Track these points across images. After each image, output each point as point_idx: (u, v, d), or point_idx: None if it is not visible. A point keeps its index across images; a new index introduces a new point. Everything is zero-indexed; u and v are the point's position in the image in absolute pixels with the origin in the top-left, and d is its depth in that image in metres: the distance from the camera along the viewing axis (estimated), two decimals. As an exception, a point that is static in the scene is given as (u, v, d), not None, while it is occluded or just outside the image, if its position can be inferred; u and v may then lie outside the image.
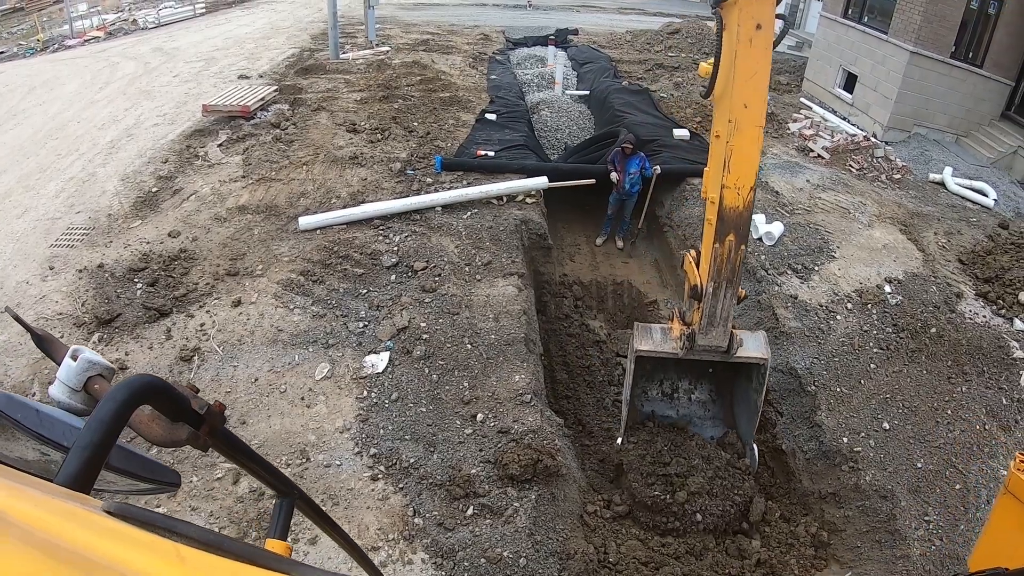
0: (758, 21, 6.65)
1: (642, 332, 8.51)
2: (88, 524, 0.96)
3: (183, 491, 7.20)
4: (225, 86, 17.94)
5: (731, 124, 6.98)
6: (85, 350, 1.54)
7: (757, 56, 6.75)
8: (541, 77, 22.06)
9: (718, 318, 7.73)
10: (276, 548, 1.85)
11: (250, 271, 10.29)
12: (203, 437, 1.44)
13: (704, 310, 7.72)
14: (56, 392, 1.53)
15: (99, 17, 32.74)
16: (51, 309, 9.59)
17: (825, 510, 8.73)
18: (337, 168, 13.27)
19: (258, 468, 1.81)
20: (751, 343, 8.24)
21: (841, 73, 19.71)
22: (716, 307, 7.68)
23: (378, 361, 8.82)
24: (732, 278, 7.57)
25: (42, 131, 16.10)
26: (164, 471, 1.60)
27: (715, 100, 7.44)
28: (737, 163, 7.13)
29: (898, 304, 10.74)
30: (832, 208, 13.32)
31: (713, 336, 7.79)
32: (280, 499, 1.99)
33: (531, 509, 7.14)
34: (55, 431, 1.41)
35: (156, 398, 1.32)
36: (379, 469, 7.54)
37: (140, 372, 8.59)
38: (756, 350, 8.18)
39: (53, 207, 12.25)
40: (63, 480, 1.15)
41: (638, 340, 8.40)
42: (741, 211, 7.29)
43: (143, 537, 0.96)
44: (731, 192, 7.22)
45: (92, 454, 1.19)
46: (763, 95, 7.00)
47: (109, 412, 1.22)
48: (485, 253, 10.83)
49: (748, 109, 6.93)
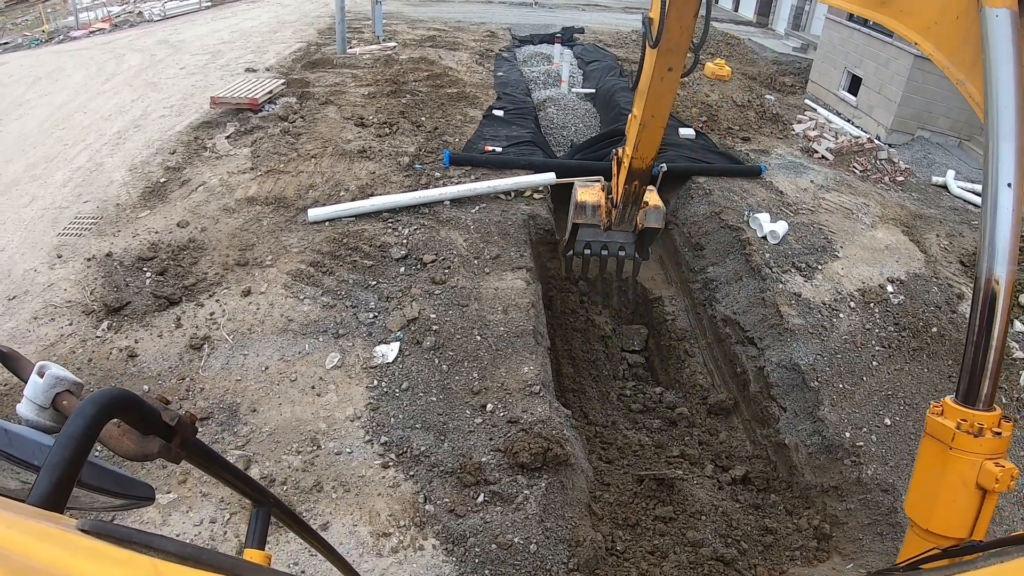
0: (670, 65, 8.24)
1: (579, 208, 11.17)
2: (63, 543, 0.95)
3: (193, 477, 7.26)
4: (232, 79, 17.99)
5: (642, 126, 9.02)
6: (52, 366, 1.50)
7: (666, 89, 8.55)
8: (547, 75, 22.12)
9: (625, 220, 10.86)
10: (255, 558, 1.89)
11: (259, 261, 10.35)
12: (175, 449, 1.43)
13: (616, 214, 10.78)
14: (24, 410, 1.48)
15: (104, 9, 32.75)
16: (59, 297, 9.64)
17: (827, 503, 8.81)
18: (345, 161, 13.34)
19: (232, 478, 1.80)
20: (652, 217, 10.89)
21: (846, 75, 19.79)
22: (624, 215, 10.75)
23: (388, 351, 8.89)
24: (636, 201, 10.49)
25: (48, 121, 16.14)
26: (138, 485, 1.58)
27: (636, 93, 9.21)
28: (644, 146, 9.40)
29: (900, 304, 10.83)
30: (836, 208, 13.41)
31: (623, 226, 11.03)
32: (256, 508, 1.99)
33: (541, 497, 7.21)
34: (24, 450, 1.36)
35: (126, 412, 1.31)
36: (390, 457, 7.61)
37: (147, 362, 8.68)
38: (655, 222, 10.92)
39: (61, 196, 12.30)
40: (35, 500, 1.13)
41: (575, 216, 11.22)
42: (644, 170, 9.80)
43: (120, 554, 0.97)
44: (638, 161, 9.63)
45: (63, 472, 1.17)
46: (667, 108, 8.96)
47: (79, 428, 1.20)
48: (493, 247, 10.91)
49: (655, 118, 8.98)
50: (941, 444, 3.07)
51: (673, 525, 8.03)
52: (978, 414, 3.00)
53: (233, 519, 6.93)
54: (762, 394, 10.30)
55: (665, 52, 8.03)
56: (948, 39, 3.50)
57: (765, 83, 22.15)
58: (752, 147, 16.20)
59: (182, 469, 7.25)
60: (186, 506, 7.01)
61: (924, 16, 3.63)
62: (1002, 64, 2.96)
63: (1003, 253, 2.94)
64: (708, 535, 7.93)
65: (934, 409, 3.18)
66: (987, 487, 2.94)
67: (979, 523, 3.00)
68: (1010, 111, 2.92)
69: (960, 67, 3.42)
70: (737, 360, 11.02)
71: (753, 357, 10.68)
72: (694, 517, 8.20)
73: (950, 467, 3.02)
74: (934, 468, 3.10)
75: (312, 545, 2.31)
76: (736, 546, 7.95)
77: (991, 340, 2.98)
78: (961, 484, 2.99)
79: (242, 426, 7.86)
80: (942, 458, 3.06)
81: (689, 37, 8.02)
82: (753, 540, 8.18)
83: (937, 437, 3.09)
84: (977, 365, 3.03)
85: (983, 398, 3.03)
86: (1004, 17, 2.96)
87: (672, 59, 8.16)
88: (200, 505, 7.04)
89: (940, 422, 3.08)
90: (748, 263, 11.76)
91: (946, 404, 3.13)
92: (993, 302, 2.94)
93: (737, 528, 8.23)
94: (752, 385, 10.55)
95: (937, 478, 3.06)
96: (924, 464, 3.22)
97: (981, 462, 2.96)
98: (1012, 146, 2.91)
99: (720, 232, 12.72)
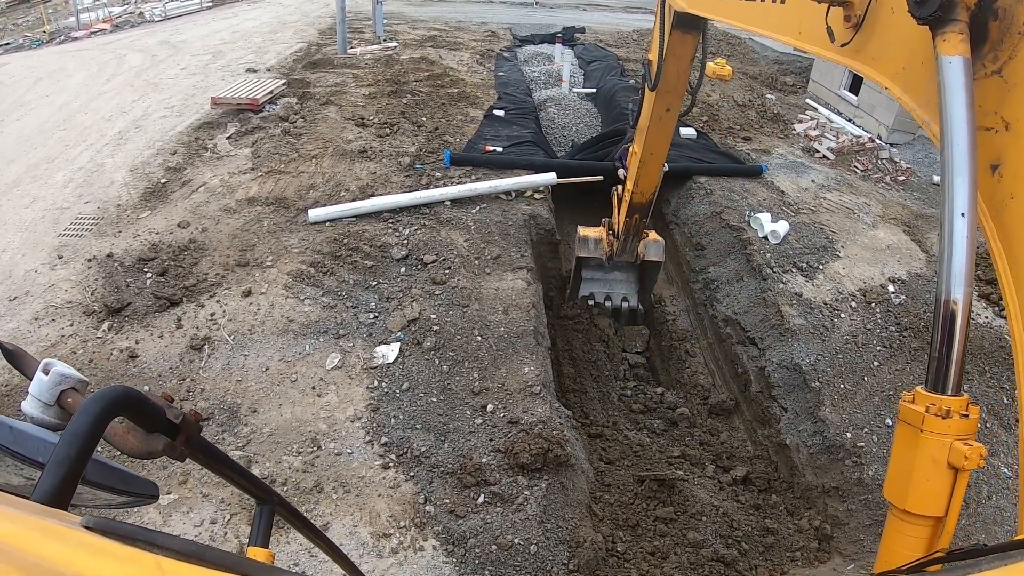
0: (668, 106, 8.83)
1: (581, 242, 11.68)
2: (67, 540, 0.96)
3: (194, 478, 7.26)
4: (233, 79, 17.99)
5: (642, 164, 9.64)
6: (57, 363, 1.50)
7: (664, 127, 9.18)
8: (548, 75, 22.09)
9: (626, 250, 11.48)
10: (258, 556, 1.88)
11: (260, 262, 10.35)
12: (179, 447, 1.43)
13: (618, 246, 11.42)
14: (29, 407, 1.48)
15: (105, 9, 32.78)
16: (60, 298, 9.64)
17: (828, 504, 8.79)
18: (346, 162, 13.34)
19: (236, 476, 1.80)
20: (652, 250, 11.60)
21: (847, 75, 19.75)
22: (626, 246, 11.39)
23: (389, 352, 8.89)
24: (637, 233, 11.11)
25: (49, 122, 16.15)
26: (142, 483, 1.58)
27: (636, 131, 9.78)
28: (643, 182, 10.01)
29: (901, 303, 10.82)
30: (837, 208, 13.40)
31: (624, 256, 11.58)
32: (260, 506, 1.99)
33: (541, 498, 7.21)
34: (29, 447, 1.37)
35: (131, 410, 1.31)
36: (390, 457, 7.60)
37: (148, 363, 8.68)
38: (656, 255, 11.63)
39: (62, 197, 12.30)
40: (40, 497, 1.13)
41: (578, 249, 11.69)
42: (644, 204, 10.47)
43: (123, 551, 0.96)
44: (638, 195, 10.25)
45: (68, 469, 1.17)
46: (664, 148, 9.61)
47: (84, 425, 1.21)
48: (494, 247, 10.91)
49: (654, 155, 9.61)
50: (912, 428, 3.21)
51: (674, 526, 8.02)
52: (945, 399, 3.15)
53: (233, 520, 6.92)
54: (763, 394, 10.29)
55: (663, 94, 8.63)
56: (915, 84, 3.75)
57: (766, 83, 22.13)
58: (753, 147, 16.19)
59: (183, 470, 7.24)
60: (187, 507, 7.01)
61: (894, 63, 3.90)
62: (956, 107, 3.20)
63: (959, 276, 3.20)
64: (709, 536, 7.91)
65: (906, 397, 3.33)
66: (957, 465, 3.08)
67: (952, 501, 3.15)
68: (963, 148, 3.18)
69: (925, 109, 3.64)
70: (738, 360, 11.01)
71: (754, 357, 10.67)
72: (695, 518, 8.18)
73: (921, 449, 3.17)
74: (907, 451, 3.23)
75: (316, 544, 2.32)
76: (737, 547, 7.93)
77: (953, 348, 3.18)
78: (933, 464, 3.14)
79: (242, 427, 7.86)
80: (914, 441, 3.20)
81: (686, 80, 8.51)
82: (754, 541, 8.16)
83: (909, 422, 3.24)
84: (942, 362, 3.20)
85: (951, 386, 3.18)
86: (957, 64, 3.22)
87: (670, 100, 8.76)
88: (201, 506, 7.04)
89: (911, 407, 3.24)
90: (749, 263, 11.75)
91: (917, 393, 3.29)
92: (952, 320, 3.18)
93: (738, 529, 8.21)
94: (753, 385, 10.54)
95: (910, 460, 3.21)
96: (898, 448, 3.34)
97: (951, 442, 3.11)
98: (965, 180, 3.17)
99: (721, 232, 12.71)
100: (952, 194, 3.16)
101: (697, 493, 8.53)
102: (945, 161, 3.20)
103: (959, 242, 3.16)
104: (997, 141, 3.29)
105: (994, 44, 3.27)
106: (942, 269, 3.23)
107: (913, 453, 3.21)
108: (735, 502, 8.80)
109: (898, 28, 3.78)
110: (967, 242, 3.15)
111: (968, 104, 3.19)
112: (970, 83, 3.21)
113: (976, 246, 3.21)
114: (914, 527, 3.24)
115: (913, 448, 3.21)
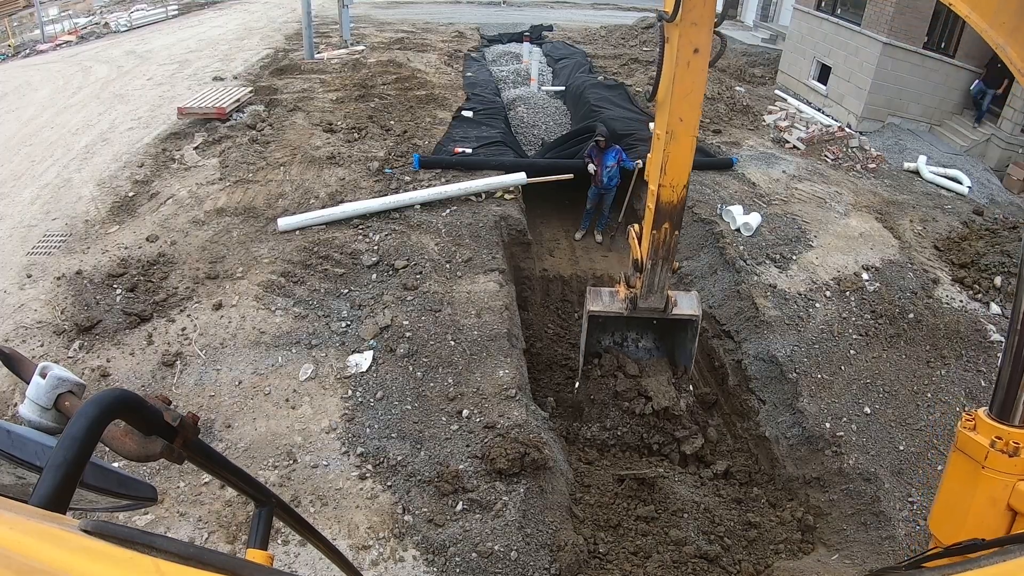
0: (696, 46, 7.16)
1: (593, 295, 9.67)
2: (65, 544, 0.95)
3: (171, 497, 7.17)
4: (200, 88, 17.81)
5: (668, 135, 7.72)
6: (54, 367, 1.50)
7: (693, 77, 7.37)
8: (517, 74, 22.07)
9: (655, 287, 9.02)
10: (257, 558, 1.87)
11: (230, 274, 10.24)
12: (177, 450, 1.42)
13: (644, 280, 8.97)
14: (26, 411, 1.48)
15: (71, 21, 32.42)
16: (30, 318, 9.49)
17: (810, 494, 8.82)
18: (315, 168, 13.23)
19: (234, 478, 1.80)
20: (685, 302, 9.49)
21: (815, 65, 19.87)
22: (654, 279, 8.94)
23: (362, 360, 8.82)
24: (667, 256, 8.75)
25: (15, 138, 15.91)
26: (140, 486, 1.59)
27: (657, 104, 8.07)
28: (673, 167, 7.99)
29: (876, 291, 10.86)
30: (809, 198, 13.44)
31: (652, 301, 9.15)
32: (258, 508, 1.98)
33: (520, 502, 7.17)
34: (27, 451, 1.38)
35: (128, 412, 1.30)
36: (367, 468, 7.54)
37: (119, 382, 8.57)
38: (689, 308, 9.45)
39: (29, 214, 12.12)
40: (38, 500, 1.13)
41: (590, 302, 9.58)
42: (675, 204, 8.30)
43: (122, 554, 0.96)
44: (667, 190, 8.16)
45: (66, 472, 1.17)
46: (697, 110, 7.66)
47: (81, 429, 1.20)
48: (465, 250, 10.84)
49: (683, 122, 7.65)
50: (973, 462, 2.96)
51: (655, 524, 8.01)
52: (1014, 431, 2.89)
53: (212, 538, 6.84)
54: (741, 387, 10.30)
55: (688, 27, 7.02)
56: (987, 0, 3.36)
57: (735, 75, 22.21)
58: (723, 139, 16.21)
59: (159, 488, 7.15)
60: (164, 526, 6.92)
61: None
62: None
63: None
64: (691, 532, 7.92)
65: (966, 423, 3.05)
66: (1020, 510, 2.85)
67: None
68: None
69: (999, 31, 3.26)
70: (715, 354, 11.01)
71: (730, 351, 10.68)
72: (676, 515, 8.18)
73: (981, 486, 2.93)
74: (963, 486, 3.01)
75: (315, 545, 2.31)
76: (720, 542, 7.94)
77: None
78: (991, 504, 2.91)
79: (217, 443, 7.77)
80: (973, 476, 2.96)
81: (713, 7, 7.06)
82: (736, 535, 8.18)
83: (969, 454, 2.98)
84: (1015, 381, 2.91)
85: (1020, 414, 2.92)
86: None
87: (697, 36, 7.11)
88: (179, 525, 6.95)
89: (973, 438, 2.96)
90: (722, 256, 11.76)
91: (979, 418, 3.00)
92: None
93: (720, 524, 8.22)
94: (731, 379, 10.55)
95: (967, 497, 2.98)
96: (952, 481, 3.11)
97: (1015, 483, 2.87)
98: None
99: (693, 226, 12.70)
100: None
101: (678, 490, 8.53)
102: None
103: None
104: None
105: None
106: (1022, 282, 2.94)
107: (971, 490, 2.97)
108: (716, 497, 8.81)
109: None
110: None
111: None
112: None
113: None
114: None
115: (971, 485, 2.97)
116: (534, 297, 12.37)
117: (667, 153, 7.84)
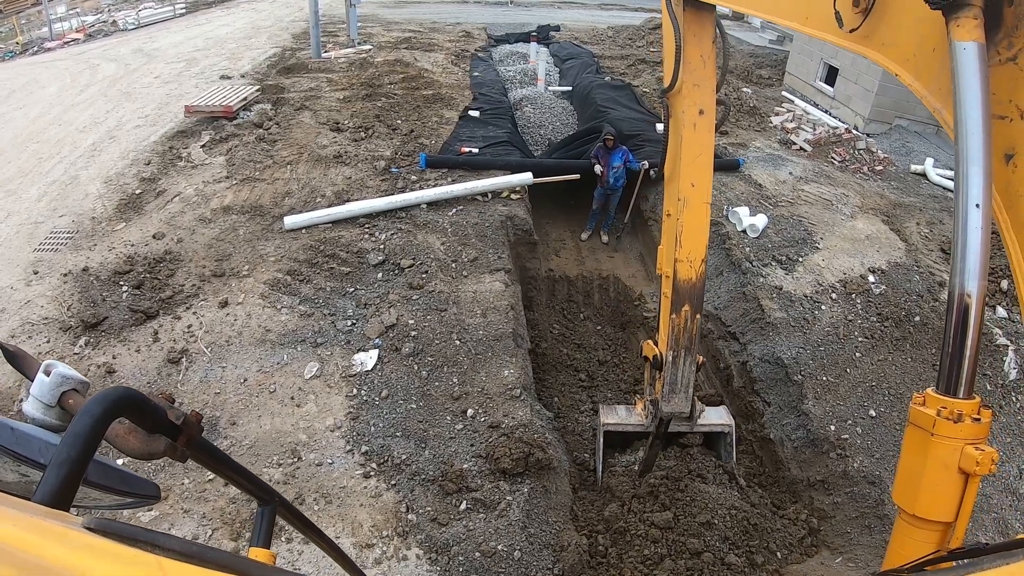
0: (700, 107, 6.96)
1: (607, 410, 8.86)
2: (68, 541, 0.95)
3: (175, 493, 7.18)
4: (207, 87, 17.84)
5: (681, 202, 7.18)
6: (58, 364, 1.50)
7: (701, 139, 7.07)
8: (523, 74, 22.07)
9: (679, 384, 7.76)
10: (260, 556, 1.88)
11: (236, 271, 10.26)
12: (181, 448, 1.43)
13: (666, 378, 7.77)
14: (30, 408, 1.49)
15: (79, 19, 32.52)
16: (36, 314, 9.52)
17: (814, 497, 8.79)
18: (321, 167, 13.24)
19: (237, 477, 1.81)
20: (713, 414, 8.64)
21: (822, 66, 19.83)
22: (676, 374, 7.71)
23: (367, 359, 8.82)
24: (690, 346, 7.62)
25: (22, 135, 15.97)
26: (143, 484, 1.59)
27: (666, 181, 7.74)
28: (688, 237, 7.30)
29: (882, 293, 10.83)
30: (815, 200, 13.41)
31: (676, 403, 7.80)
32: (261, 507, 2.01)
33: (524, 502, 7.17)
34: (31, 448, 1.38)
35: (132, 411, 1.31)
36: (371, 467, 7.54)
37: (125, 378, 8.59)
38: (719, 419, 8.66)
39: (36, 211, 12.16)
40: (41, 498, 1.13)
41: (604, 416, 8.74)
42: (694, 282, 7.45)
43: (125, 552, 0.96)
44: (684, 265, 7.37)
45: (69, 470, 1.17)
46: (709, 174, 7.28)
47: (85, 426, 1.20)
48: (471, 249, 10.85)
49: (696, 188, 7.19)
50: (923, 431, 3.23)
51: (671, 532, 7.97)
52: (957, 402, 3.15)
53: (216, 535, 6.85)
54: (746, 389, 10.28)
55: (692, 88, 6.95)
56: (926, 70, 3.66)
57: (742, 76, 22.17)
58: (730, 140, 16.19)
59: (164, 485, 7.17)
60: (168, 523, 6.93)
61: (904, 49, 3.80)
62: (970, 94, 3.14)
63: (973, 269, 3.13)
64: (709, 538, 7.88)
65: (917, 399, 3.34)
66: (968, 470, 3.09)
67: (963, 507, 3.15)
68: (977, 137, 3.11)
69: (936, 96, 3.57)
70: (720, 356, 10.99)
71: (736, 352, 10.66)
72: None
73: (932, 453, 3.18)
74: (917, 455, 3.26)
75: (318, 544, 2.34)
76: (722, 543, 7.91)
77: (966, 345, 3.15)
78: (943, 468, 3.15)
79: (222, 440, 7.78)
80: (924, 444, 3.22)
81: (713, 68, 6.99)
82: (739, 537, 8.15)
83: (919, 425, 3.26)
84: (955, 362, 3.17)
85: (963, 387, 3.18)
86: (971, 50, 3.15)
87: (701, 97, 7.00)
88: (183, 521, 6.96)
89: (922, 410, 3.25)
90: (728, 257, 11.74)
91: (928, 395, 3.29)
92: (966, 314, 3.13)
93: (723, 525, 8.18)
94: (736, 380, 10.53)
95: (920, 464, 3.23)
96: (908, 452, 3.37)
97: (962, 446, 3.11)
98: (980, 169, 3.11)
99: (700, 227, 12.66)
100: (966, 184, 3.11)
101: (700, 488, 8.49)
102: (959, 151, 3.15)
103: (973, 233, 3.10)
104: (1012, 130, 3.25)
105: (1008, 31, 3.22)
106: (955, 262, 3.17)
107: (923, 458, 3.22)
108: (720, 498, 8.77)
109: (909, 13, 3.70)
110: (982, 233, 3.10)
111: (983, 91, 3.13)
112: (985, 70, 3.15)
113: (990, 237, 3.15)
114: (923, 532, 3.24)
115: (923, 452, 3.22)
116: (540, 297, 12.37)
117: (681, 223, 7.25)
